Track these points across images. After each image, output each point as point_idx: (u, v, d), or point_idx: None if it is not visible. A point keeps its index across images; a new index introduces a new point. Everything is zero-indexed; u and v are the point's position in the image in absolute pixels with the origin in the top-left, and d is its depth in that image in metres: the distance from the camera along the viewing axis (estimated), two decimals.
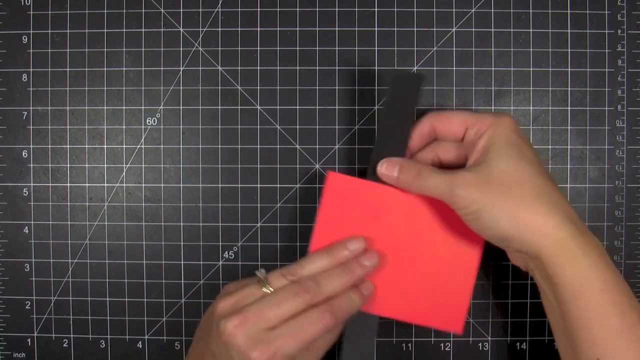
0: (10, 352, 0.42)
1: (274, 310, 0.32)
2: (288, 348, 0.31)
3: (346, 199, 0.36)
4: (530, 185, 0.31)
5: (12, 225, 0.42)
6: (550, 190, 0.32)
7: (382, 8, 0.41)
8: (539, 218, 0.31)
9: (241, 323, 0.31)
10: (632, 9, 0.41)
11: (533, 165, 0.32)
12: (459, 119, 0.35)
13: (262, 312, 0.32)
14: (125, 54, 0.42)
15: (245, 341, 0.31)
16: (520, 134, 0.33)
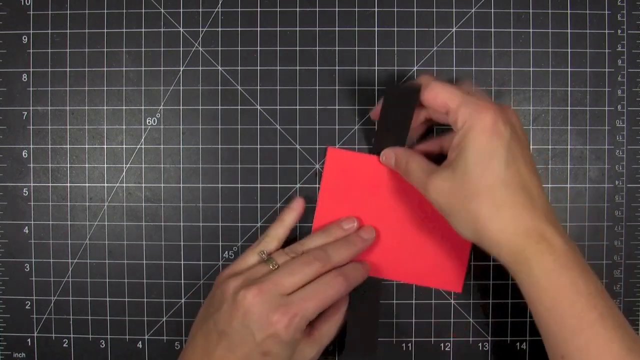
0: (10, 352, 0.42)
1: (288, 279, 0.34)
2: (307, 310, 0.33)
3: (346, 172, 0.40)
4: (491, 195, 0.31)
5: (12, 225, 0.42)
6: (514, 197, 0.31)
7: (382, 8, 0.41)
8: (494, 229, 0.31)
9: (260, 291, 0.33)
10: (632, 9, 0.41)
11: (502, 171, 0.31)
12: (442, 99, 0.33)
13: (279, 280, 0.34)
14: (125, 54, 0.42)
15: (265, 306, 0.33)
16: (498, 132, 0.31)
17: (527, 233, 0.31)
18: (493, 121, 0.31)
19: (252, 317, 0.33)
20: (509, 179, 0.31)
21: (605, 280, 0.41)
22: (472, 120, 0.32)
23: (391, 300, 0.42)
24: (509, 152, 0.31)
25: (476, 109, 0.32)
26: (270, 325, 0.32)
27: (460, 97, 0.32)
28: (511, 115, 0.33)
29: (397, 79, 0.41)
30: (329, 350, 0.42)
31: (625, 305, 0.41)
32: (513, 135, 0.32)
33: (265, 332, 0.32)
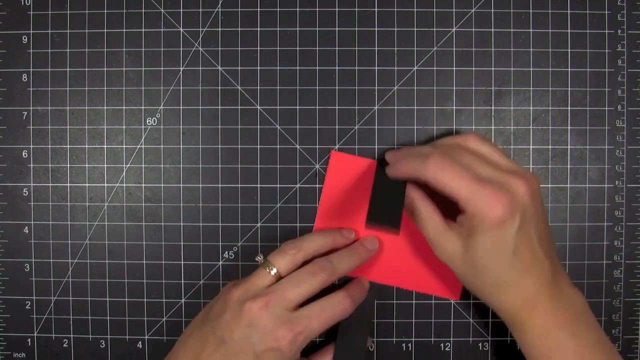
0: (10, 352, 0.42)
1: (294, 291, 0.34)
2: (312, 328, 0.33)
3: (348, 176, 0.40)
4: (495, 280, 0.33)
5: (12, 225, 0.42)
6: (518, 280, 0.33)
7: (382, 8, 0.41)
8: (494, 300, 0.34)
9: (266, 304, 0.33)
10: (632, 9, 0.41)
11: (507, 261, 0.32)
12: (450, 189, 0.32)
13: (284, 293, 0.34)
14: (125, 54, 0.42)
15: (271, 321, 0.33)
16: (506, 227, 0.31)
17: (523, 304, 0.33)
18: (501, 218, 0.31)
19: (256, 330, 0.33)
20: (515, 265, 0.32)
21: (605, 280, 0.41)
22: (480, 215, 0.31)
23: (391, 301, 0.42)
24: (517, 240, 0.32)
25: (485, 204, 0.31)
26: (275, 340, 0.32)
27: (469, 189, 0.31)
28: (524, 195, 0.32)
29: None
30: None
31: (625, 305, 0.41)
32: (524, 221, 0.32)
33: (268, 345, 0.32)
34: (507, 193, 0.31)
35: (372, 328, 0.41)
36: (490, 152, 0.34)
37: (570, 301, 0.34)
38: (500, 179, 0.32)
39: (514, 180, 0.32)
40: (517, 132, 0.41)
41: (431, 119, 0.41)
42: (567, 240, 0.41)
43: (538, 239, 0.32)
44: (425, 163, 0.32)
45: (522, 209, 0.31)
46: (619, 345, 0.42)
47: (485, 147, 0.34)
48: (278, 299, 0.33)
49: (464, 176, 0.32)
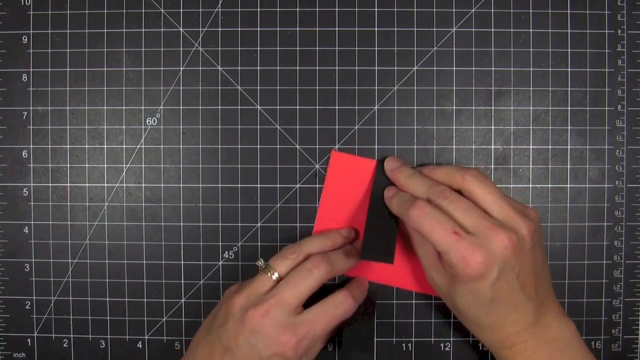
0: (10, 352, 0.42)
1: (293, 292, 0.34)
2: (315, 331, 0.33)
3: (348, 176, 0.40)
4: (475, 321, 0.34)
5: (12, 225, 0.42)
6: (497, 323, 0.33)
7: (382, 8, 0.41)
8: (476, 335, 0.36)
9: (267, 311, 0.33)
10: (632, 9, 0.41)
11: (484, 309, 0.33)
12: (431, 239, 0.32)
13: (284, 296, 0.34)
14: (125, 54, 0.42)
15: (274, 327, 0.33)
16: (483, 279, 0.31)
17: (503, 342, 0.34)
18: (475, 274, 0.31)
19: (260, 337, 0.33)
20: (493, 311, 0.33)
21: (605, 280, 0.41)
22: (456, 269, 0.31)
23: (391, 301, 0.42)
24: (494, 291, 0.32)
25: (460, 260, 0.31)
26: (279, 345, 0.32)
27: (446, 243, 0.31)
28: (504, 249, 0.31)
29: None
30: (328, 350, 0.42)
31: (625, 305, 0.41)
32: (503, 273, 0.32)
33: (273, 351, 0.33)
34: (483, 249, 0.31)
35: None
36: (484, 194, 0.33)
37: (555, 335, 0.34)
38: (481, 232, 0.32)
39: (495, 235, 0.31)
40: (517, 132, 0.41)
41: (431, 119, 0.41)
42: (567, 240, 0.41)
43: (521, 285, 0.32)
44: (409, 210, 0.33)
45: (501, 263, 0.31)
46: (618, 345, 0.42)
47: (480, 188, 0.33)
48: (278, 304, 0.33)
49: (442, 229, 0.32)
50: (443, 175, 0.35)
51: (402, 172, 0.37)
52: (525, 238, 0.32)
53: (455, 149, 0.41)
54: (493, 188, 0.34)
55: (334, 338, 0.42)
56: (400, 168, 0.38)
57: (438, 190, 0.34)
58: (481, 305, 0.33)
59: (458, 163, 0.41)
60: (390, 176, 0.38)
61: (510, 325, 0.33)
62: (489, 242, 0.31)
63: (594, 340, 0.42)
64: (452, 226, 0.32)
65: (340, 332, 0.39)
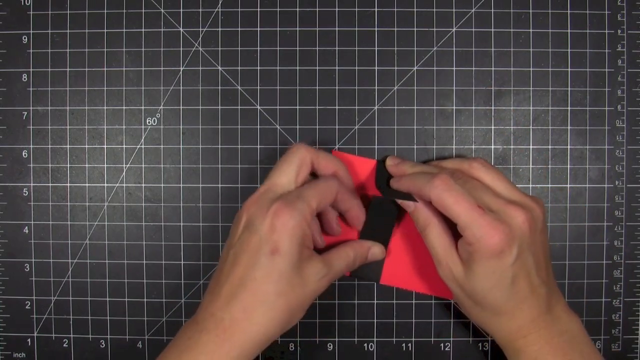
0: (10, 352, 0.42)
1: (282, 176, 0.34)
2: (307, 194, 0.32)
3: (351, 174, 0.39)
4: (492, 308, 0.34)
5: (12, 225, 0.42)
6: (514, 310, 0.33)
7: (382, 8, 0.41)
8: (490, 328, 0.35)
9: (258, 195, 0.33)
10: (632, 9, 0.41)
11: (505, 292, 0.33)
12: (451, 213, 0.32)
13: (273, 180, 0.34)
14: (125, 54, 0.42)
15: (265, 201, 0.32)
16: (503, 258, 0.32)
17: (518, 332, 0.34)
18: (498, 249, 0.31)
19: (253, 215, 0.32)
20: (512, 295, 0.33)
21: (605, 280, 0.41)
22: (478, 244, 0.32)
23: (391, 300, 0.42)
24: (514, 271, 0.32)
25: (484, 234, 0.31)
26: (273, 214, 0.31)
27: (469, 216, 0.32)
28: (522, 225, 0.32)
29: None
30: (329, 350, 0.42)
31: (625, 305, 0.41)
32: (521, 252, 0.32)
33: (269, 222, 0.31)
34: (505, 224, 0.31)
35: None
36: (493, 180, 0.34)
37: (566, 327, 0.34)
38: (500, 209, 0.32)
39: (513, 210, 0.32)
40: (517, 132, 0.41)
41: (431, 119, 0.41)
42: (567, 240, 0.41)
43: (536, 268, 0.33)
44: (431, 182, 0.33)
45: (520, 239, 0.32)
46: (618, 345, 0.42)
47: (489, 175, 0.35)
48: (269, 187, 0.33)
49: (466, 202, 0.32)
50: (451, 164, 0.36)
51: (406, 164, 0.38)
52: (539, 217, 0.33)
53: (455, 149, 0.41)
54: (502, 175, 0.35)
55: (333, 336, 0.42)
56: (404, 161, 0.38)
57: (448, 172, 0.34)
58: (501, 288, 0.32)
59: None
60: (394, 172, 0.38)
61: (527, 310, 0.33)
62: (509, 218, 0.32)
63: (594, 340, 0.42)
64: (475, 201, 0.32)
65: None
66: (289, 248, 0.31)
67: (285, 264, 0.31)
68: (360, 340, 0.42)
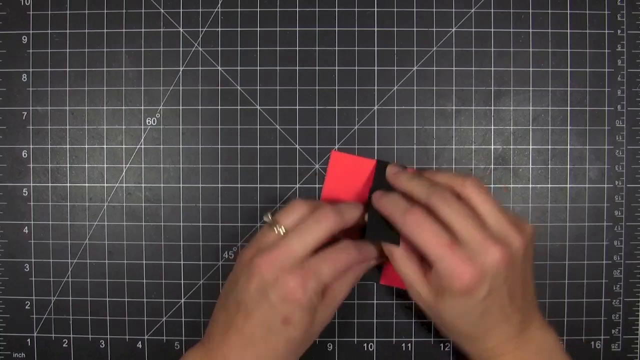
0: (9, 352, 0.42)
1: (300, 242, 0.33)
2: (321, 272, 0.33)
3: (347, 175, 0.41)
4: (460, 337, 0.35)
5: (12, 225, 0.42)
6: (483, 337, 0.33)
7: (382, 8, 0.41)
8: (463, 348, 0.35)
9: (272, 258, 0.33)
10: (631, 9, 0.41)
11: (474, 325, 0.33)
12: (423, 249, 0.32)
13: (290, 245, 0.33)
14: (125, 54, 0.42)
15: (280, 270, 0.32)
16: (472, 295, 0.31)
17: (489, 352, 0.34)
18: (465, 288, 0.31)
19: (266, 282, 0.32)
20: (481, 324, 0.33)
21: (605, 280, 0.41)
22: (447, 281, 0.31)
23: (390, 301, 0.42)
24: (484, 305, 0.32)
25: (453, 272, 0.31)
26: (287, 287, 0.32)
27: (439, 253, 0.32)
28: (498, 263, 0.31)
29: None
30: (329, 350, 0.42)
31: (624, 305, 0.41)
32: (494, 288, 0.31)
33: (281, 295, 0.32)
34: (477, 262, 0.31)
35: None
36: (481, 204, 0.33)
37: (541, 346, 0.34)
38: (476, 243, 0.31)
39: (490, 247, 0.31)
40: (517, 132, 0.41)
41: (431, 119, 0.41)
42: (567, 240, 0.41)
43: (510, 298, 0.32)
44: (405, 217, 0.33)
45: (493, 277, 0.31)
46: (618, 345, 0.42)
47: (479, 197, 0.33)
48: (285, 252, 0.33)
49: (437, 239, 0.32)
50: (444, 178, 0.35)
51: (403, 175, 0.37)
52: (518, 252, 0.32)
53: (455, 149, 0.41)
54: (491, 198, 0.33)
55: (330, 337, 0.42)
56: (402, 172, 0.38)
57: (439, 192, 0.33)
58: (470, 320, 0.33)
59: (458, 163, 0.41)
60: (391, 180, 0.38)
61: (499, 335, 0.33)
62: (483, 255, 0.31)
63: (594, 340, 0.42)
64: (447, 238, 0.32)
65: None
66: (300, 318, 0.32)
67: (296, 332, 0.33)
68: (360, 340, 0.42)
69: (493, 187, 0.41)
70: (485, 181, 0.41)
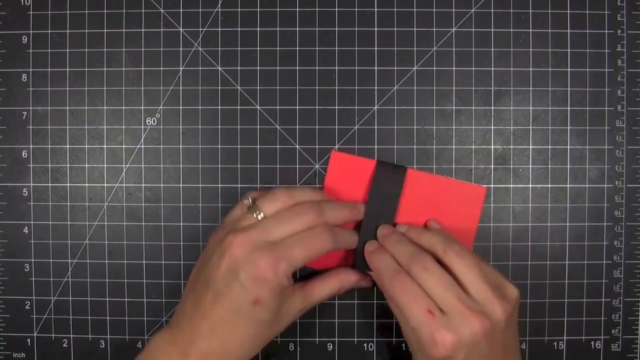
0: (10, 352, 0.42)
1: (277, 227, 0.33)
2: (293, 256, 0.33)
3: (347, 175, 0.40)
4: None
5: (12, 225, 0.42)
6: None
7: (382, 8, 0.41)
8: None
9: (246, 238, 0.33)
10: (631, 9, 0.41)
11: None
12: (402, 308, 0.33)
13: (266, 228, 0.33)
14: (125, 54, 0.42)
15: (251, 250, 0.32)
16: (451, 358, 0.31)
17: None
18: (445, 354, 0.31)
19: (237, 261, 0.32)
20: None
21: (605, 280, 0.41)
22: (426, 346, 0.32)
23: None
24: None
25: (429, 340, 0.32)
26: (257, 267, 0.31)
27: (418, 320, 0.32)
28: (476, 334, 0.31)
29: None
30: (329, 350, 0.42)
31: (624, 305, 0.41)
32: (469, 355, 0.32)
33: (252, 274, 0.32)
34: (454, 331, 0.31)
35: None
36: (463, 273, 0.33)
37: None
38: (456, 313, 0.32)
39: (469, 318, 0.31)
40: (517, 132, 0.41)
41: (431, 119, 0.41)
42: (567, 240, 0.41)
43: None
44: (391, 280, 0.34)
45: (469, 347, 0.31)
46: (618, 345, 0.42)
47: (460, 266, 0.33)
48: (260, 234, 0.33)
49: (418, 306, 0.32)
50: (426, 243, 0.35)
51: (390, 238, 0.37)
52: (499, 321, 0.32)
53: (455, 149, 0.41)
54: (474, 267, 0.33)
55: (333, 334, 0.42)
56: (390, 235, 0.37)
57: (420, 260, 0.34)
58: None
59: (457, 163, 0.41)
60: (380, 242, 0.38)
61: None
62: (462, 325, 0.31)
63: (594, 340, 0.42)
64: (428, 304, 0.32)
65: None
66: (270, 299, 0.32)
67: (265, 313, 0.33)
68: (360, 340, 0.42)
69: (493, 187, 0.41)
70: (485, 181, 0.41)
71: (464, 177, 0.41)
